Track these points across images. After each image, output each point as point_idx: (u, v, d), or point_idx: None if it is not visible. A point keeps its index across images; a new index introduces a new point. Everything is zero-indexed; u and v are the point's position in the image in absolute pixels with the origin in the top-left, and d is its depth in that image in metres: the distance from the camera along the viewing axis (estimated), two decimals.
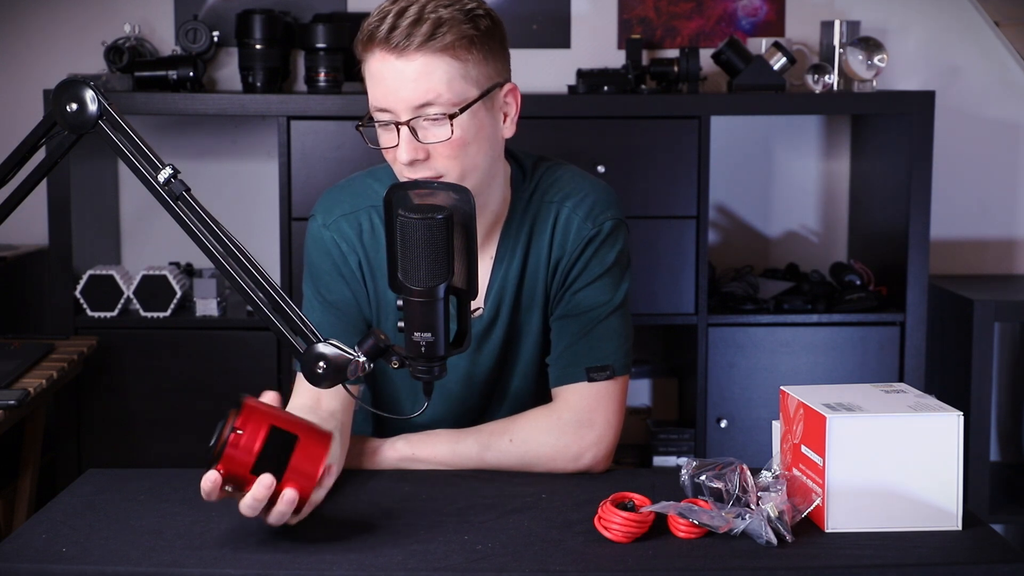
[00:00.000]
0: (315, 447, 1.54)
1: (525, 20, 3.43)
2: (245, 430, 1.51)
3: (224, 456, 1.51)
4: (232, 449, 1.51)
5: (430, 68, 1.76)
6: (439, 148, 1.78)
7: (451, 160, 1.79)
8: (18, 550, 1.52)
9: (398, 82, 1.77)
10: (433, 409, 1.67)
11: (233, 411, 1.53)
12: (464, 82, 1.78)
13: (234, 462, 1.51)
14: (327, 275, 1.95)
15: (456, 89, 1.77)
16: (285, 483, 1.52)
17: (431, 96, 1.76)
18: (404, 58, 1.76)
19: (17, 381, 2.55)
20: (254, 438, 1.51)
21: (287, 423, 1.54)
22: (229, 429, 1.51)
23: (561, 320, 1.94)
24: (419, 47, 1.75)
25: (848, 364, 3.14)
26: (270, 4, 3.35)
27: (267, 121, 3.42)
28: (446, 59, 1.76)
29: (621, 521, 1.53)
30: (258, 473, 1.51)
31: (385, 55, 1.77)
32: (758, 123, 3.50)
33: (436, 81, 1.76)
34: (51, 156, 1.60)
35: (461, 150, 1.79)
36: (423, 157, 1.78)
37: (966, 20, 3.48)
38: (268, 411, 1.54)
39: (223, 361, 3.09)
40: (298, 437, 1.53)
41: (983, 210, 3.56)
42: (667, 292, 3.11)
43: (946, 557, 1.48)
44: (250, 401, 1.55)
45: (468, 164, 1.81)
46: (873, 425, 1.54)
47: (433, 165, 1.79)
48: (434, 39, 1.75)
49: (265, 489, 1.50)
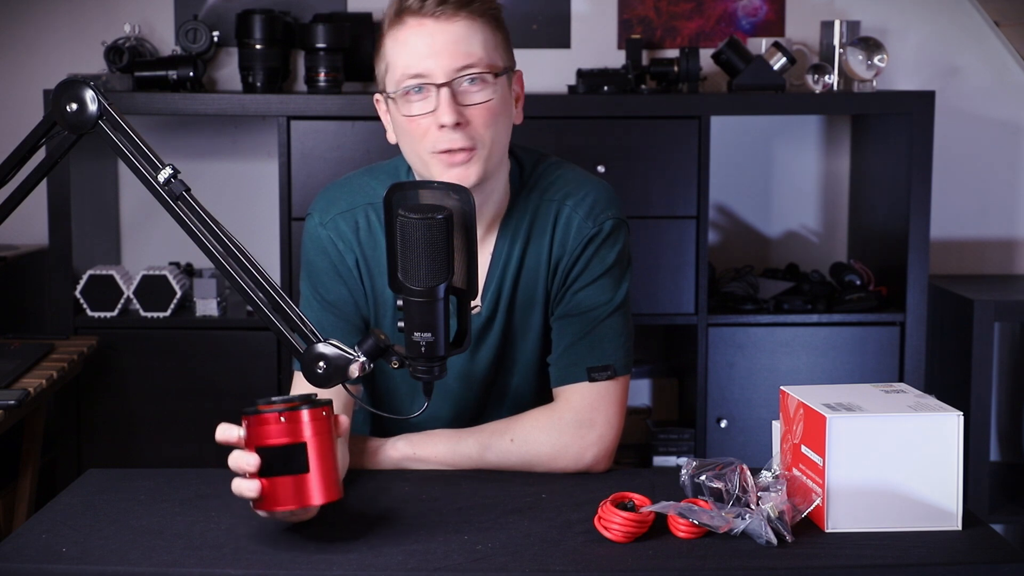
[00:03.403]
0: (309, 486, 1.50)
1: (525, 20, 3.43)
2: (287, 422, 1.49)
3: (251, 421, 1.49)
4: (262, 425, 1.49)
5: (470, 31, 1.81)
6: (477, 113, 1.81)
7: (486, 128, 1.82)
8: (18, 550, 1.52)
9: (438, 45, 1.80)
10: (432, 408, 1.67)
11: (308, 405, 1.50)
12: (496, 51, 1.84)
13: (254, 436, 1.50)
14: (325, 274, 1.95)
15: (492, 55, 1.83)
16: (271, 482, 1.50)
17: (472, 59, 1.80)
18: (443, 20, 1.80)
19: (17, 381, 2.55)
20: (282, 436, 1.49)
21: (320, 448, 1.50)
22: (279, 410, 1.49)
23: (562, 320, 1.94)
24: (457, 11, 1.80)
25: (848, 364, 3.14)
26: (270, 4, 3.35)
27: (267, 121, 3.42)
28: (483, 24, 1.82)
29: (621, 521, 1.53)
30: (262, 455, 1.49)
31: (422, 20, 1.80)
32: (758, 123, 3.50)
33: (475, 44, 1.81)
34: (51, 156, 1.60)
35: (495, 118, 1.83)
36: (463, 122, 1.80)
37: (966, 20, 3.48)
38: (321, 429, 1.51)
39: (223, 361, 3.09)
40: (308, 470, 1.50)
41: (983, 210, 3.56)
42: (667, 292, 3.11)
43: (946, 557, 1.48)
44: (320, 413, 1.51)
45: (498, 135, 1.85)
46: (873, 425, 1.54)
47: (470, 133, 1.81)
48: (472, 4, 1.81)
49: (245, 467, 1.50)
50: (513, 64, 1.90)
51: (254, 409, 1.50)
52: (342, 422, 1.57)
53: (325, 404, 1.52)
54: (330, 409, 1.53)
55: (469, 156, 1.81)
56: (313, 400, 1.52)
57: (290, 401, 1.50)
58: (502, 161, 1.90)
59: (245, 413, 1.51)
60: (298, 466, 1.49)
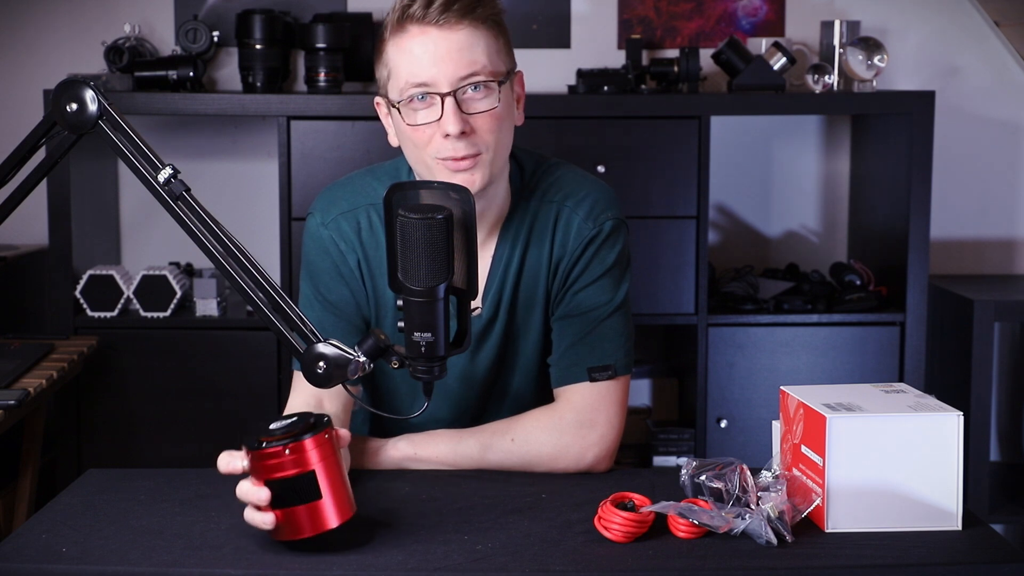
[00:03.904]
0: (324, 511, 1.49)
1: (525, 20, 3.43)
2: (292, 455, 1.48)
3: (256, 456, 1.49)
4: (268, 460, 1.48)
5: (473, 39, 1.80)
6: (482, 122, 1.80)
7: (491, 135, 1.82)
8: (18, 550, 1.52)
9: (442, 53, 1.79)
10: (432, 408, 1.67)
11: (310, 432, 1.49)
12: (499, 56, 1.83)
13: (260, 470, 1.49)
14: (326, 274, 1.94)
15: (495, 61, 1.82)
16: (285, 513, 1.49)
17: (476, 67, 1.79)
18: (446, 29, 1.78)
19: (17, 381, 2.55)
20: (290, 468, 1.48)
21: (329, 472, 1.49)
22: (283, 442, 1.47)
23: (562, 320, 1.94)
24: (461, 19, 1.79)
25: (848, 364, 3.14)
26: (270, 4, 3.35)
27: (267, 121, 3.42)
28: (486, 31, 1.81)
29: (621, 521, 1.53)
30: (271, 487, 1.48)
31: (425, 29, 1.79)
32: (758, 123, 3.50)
33: (479, 52, 1.80)
34: (51, 156, 1.60)
35: (500, 124, 1.83)
36: (468, 130, 1.80)
37: (966, 20, 3.48)
38: (326, 454, 1.50)
39: (223, 361, 3.09)
40: (321, 496, 1.49)
41: (983, 210, 3.56)
42: (667, 292, 3.11)
43: (946, 557, 1.48)
44: (323, 437, 1.50)
45: (501, 140, 1.84)
46: (873, 425, 1.54)
47: (475, 140, 1.81)
48: (475, 11, 1.79)
49: (256, 501, 1.49)
50: (514, 66, 1.90)
51: (256, 443, 1.48)
52: (343, 436, 1.57)
53: (326, 426, 1.51)
54: (331, 429, 1.52)
55: (474, 162, 1.81)
56: (314, 423, 1.51)
57: (291, 430, 1.49)
58: (505, 164, 1.90)
59: (248, 448, 1.49)
60: (310, 494, 1.49)
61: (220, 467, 1.54)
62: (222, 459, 1.54)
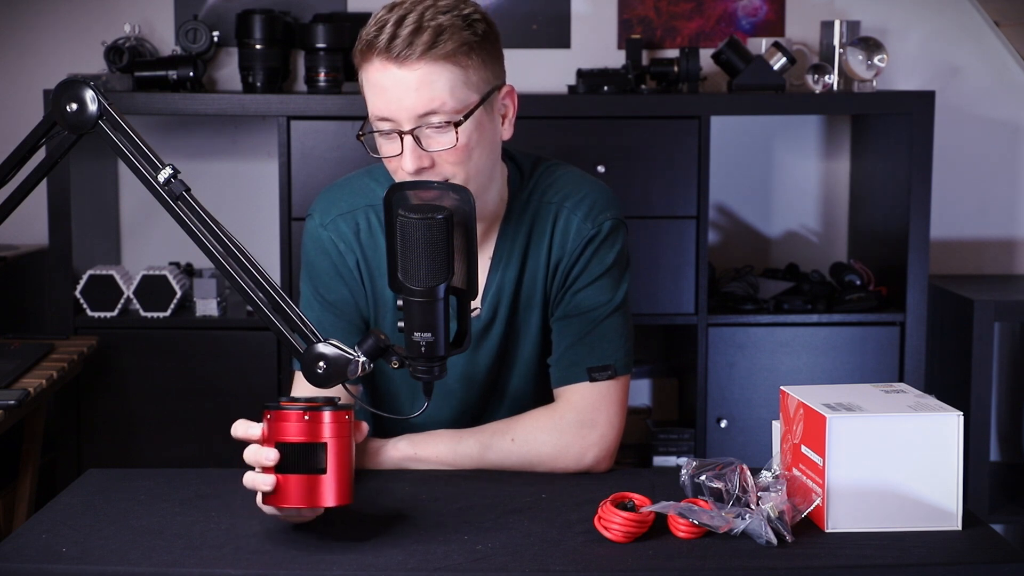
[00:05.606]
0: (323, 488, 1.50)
1: (525, 20, 3.43)
2: (310, 420, 1.49)
3: (274, 415, 1.50)
4: (285, 420, 1.49)
5: (433, 77, 1.75)
6: (444, 155, 1.78)
7: (456, 166, 1.79)
8: (18, 550, 1.52)
9: (401, 91, 1.76)
10: (432, 409, 1.67)
11: (331, 407, 1.50)
12: (466, 88, 1.78)
13: (275, 430, 1.50)
14: (325, 275, 1.95)
15: (459, 96, 1.77)
16: (286, 478, 1.50)
17: (435, 104, 1.76)
18: (406, 67, 1.75)
19: (17, 381, 2.55)
20: (303, 434, 1.49)
21: (339, 451, 1.50)
22: (302, 407, 1.49)
23: (562, 320, 1.94)
24: (421, 56, 1.74)
25: (848, 364, 3.14)
26: (270, 4, 3.35)
27: (267, 121, 3.42)
28: (448, 67, 1.76)
29: (621, 521, 1.53)
30: (280, 450, 1.49)
31: (386, 64, 1.76)
32: (758, 123, 3.50)
33: (439, 89, 1.76)
34: (51, 156, 1.60)
35: (466, 155, 1.79)
36: (428, 165, 1.78)
37: (966, 20, 3.48)
38: (341, 432, 1.51)
39: (223, 361, 3.09)
40: (325, 471, 1.50)
41: (983, 210, 3.56)
42: (667, 292, 3.11)
43: (946, 557, 1.48)
44: (343, 416, 1.51)
45: (472, 169, 1.81)
46: (873, 425, 1.54)
47: (439, 172, 1.79)
48: (436, 47, 1.74)
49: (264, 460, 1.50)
50: (500, 81, 1.85)
51: (277, 404, 1.50)
52: (362, 428, 1.58)
53: (348, 408, 1.52)
54: (352, 414, 1.53)
55: None
56: (337, 403, 1.52)
57: (314, 400, 1.51)
58: (489, 176, 1.88)
59: (268, 407, 1.51)
60: (316, 465, 1.49)
61: (236, 433, 1.55)
62: (239, 425, 1.55)
